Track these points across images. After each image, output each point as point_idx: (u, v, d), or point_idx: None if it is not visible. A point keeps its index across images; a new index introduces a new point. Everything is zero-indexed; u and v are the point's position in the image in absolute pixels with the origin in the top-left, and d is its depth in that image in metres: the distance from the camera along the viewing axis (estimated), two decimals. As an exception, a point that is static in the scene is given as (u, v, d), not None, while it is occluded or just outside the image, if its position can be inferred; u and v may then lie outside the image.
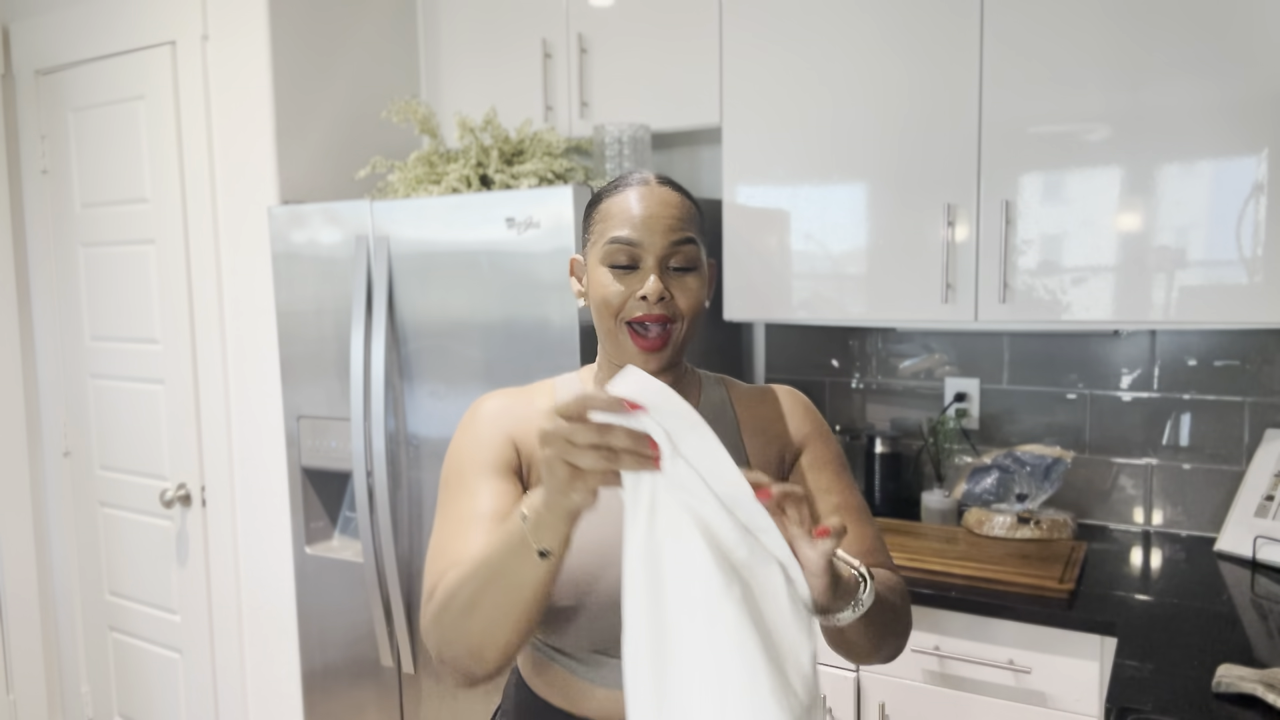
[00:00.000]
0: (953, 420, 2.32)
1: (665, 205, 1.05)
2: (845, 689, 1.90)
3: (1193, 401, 2.12)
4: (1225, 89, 1.76)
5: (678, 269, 1.05)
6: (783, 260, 2.21)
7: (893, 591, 1.03)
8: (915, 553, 1.96)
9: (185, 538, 2.66)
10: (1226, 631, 1.58)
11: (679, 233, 1.04)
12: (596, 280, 1.06)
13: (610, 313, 1.05)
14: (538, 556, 0.86)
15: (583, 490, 0.81)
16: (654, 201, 1.05)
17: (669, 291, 1.03)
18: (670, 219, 1.04)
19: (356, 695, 2.25)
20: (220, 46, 2.40)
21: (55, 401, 2.93)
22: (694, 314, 1.06)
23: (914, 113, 2.03)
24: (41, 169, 2.84)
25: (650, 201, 1.05)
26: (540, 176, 2.14)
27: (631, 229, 1.03)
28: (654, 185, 1.07)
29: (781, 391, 1.21)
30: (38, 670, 3.00)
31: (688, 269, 1.05)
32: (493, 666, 0.94)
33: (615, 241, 1.04)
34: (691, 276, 1.06)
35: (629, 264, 1.04)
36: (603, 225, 1.06)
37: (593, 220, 1.09)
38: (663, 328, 1.04)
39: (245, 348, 2.47)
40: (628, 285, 1.04)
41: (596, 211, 1.09)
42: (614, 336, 1.06)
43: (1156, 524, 2.18)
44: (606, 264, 1.05)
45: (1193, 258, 1.82)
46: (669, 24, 2.30)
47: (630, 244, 1.03)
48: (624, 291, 1.04)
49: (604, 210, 1.07)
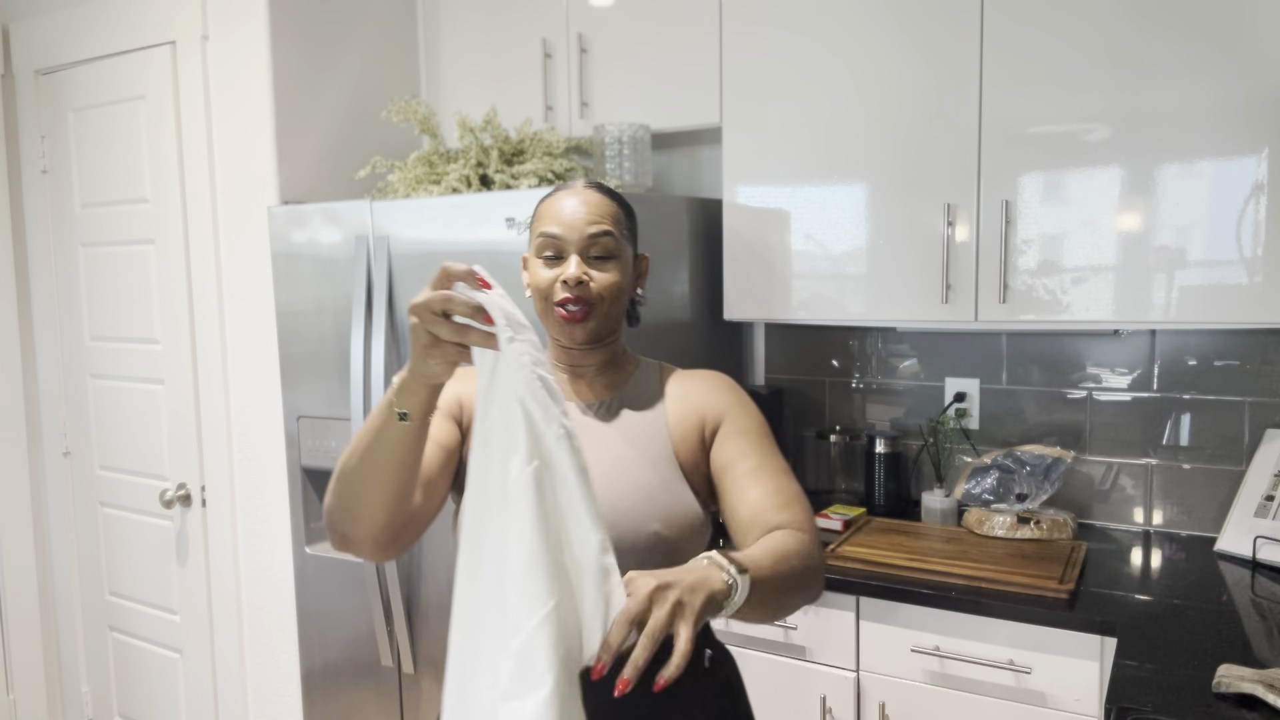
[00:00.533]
0: (953, 420, 2.32)
1: (586, 204, 1.22)
2: (845, 689, 1.90)
3: (1193, 401, 2.12)
4: (1225, 89, 1.76)
5: (597, 257, 1.21)
6: (783, 260, 2.21)
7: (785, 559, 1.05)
8: (915, 553, 1.95)
9: (185, 538, 2.66)
10: (1226, 631, 1.58)
11: (596, 226, 1.21)
12: (532, 270, 1.24)
13: (541, 296, 1.22)
14: (398, 418, 1.00)
15: (439, 358, 0.94)
16: (577, 201, 1.22)
17: (587, 276, 1.19)
18: (589, 215, 1.21)
19: (356, 695, 2.25)
20: (220, 46, 2.40)
21: (55, 401, 2.93)
22: (613, 296, 1.22)
23: (914, 112, 2.03)
24: (41, 169, 2.84)
25: (574, 202, 1.22)
26: (540, 176, 2.14)
27: (556, 225, 1.21)
28: (581, 188, 1.24)
29: (708, 373, 1.33)
30: (38, 670, 3.00)
31: (606, 258, 1.21)
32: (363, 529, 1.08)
33: (543, 236, 1.21)
34: (609, 265, 1.22)
35: (556, 255, 1.21)
36: (537, 224, 1.24)
37: (533, 223, 1.26)
38: (582, 307, 1.20)
39: (245, 348, 2.47)
40: (555, 272, 1.20)
41: (535, 215, 1.25)
42: (547, 317, 1.23)
43: (1156, 524, 2.18)
44: (539, 256, 1.22)
45: (1193, 258, 1.82)
46: (669, 24, 2.30)
47: (554, 237, 1.21)
48: (551, 277, 1.20)
49: (539, 212, 1.24)
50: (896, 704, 1.86)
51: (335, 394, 2.21)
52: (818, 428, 2.53)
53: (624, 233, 1.24)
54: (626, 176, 2.24)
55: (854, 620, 1.89)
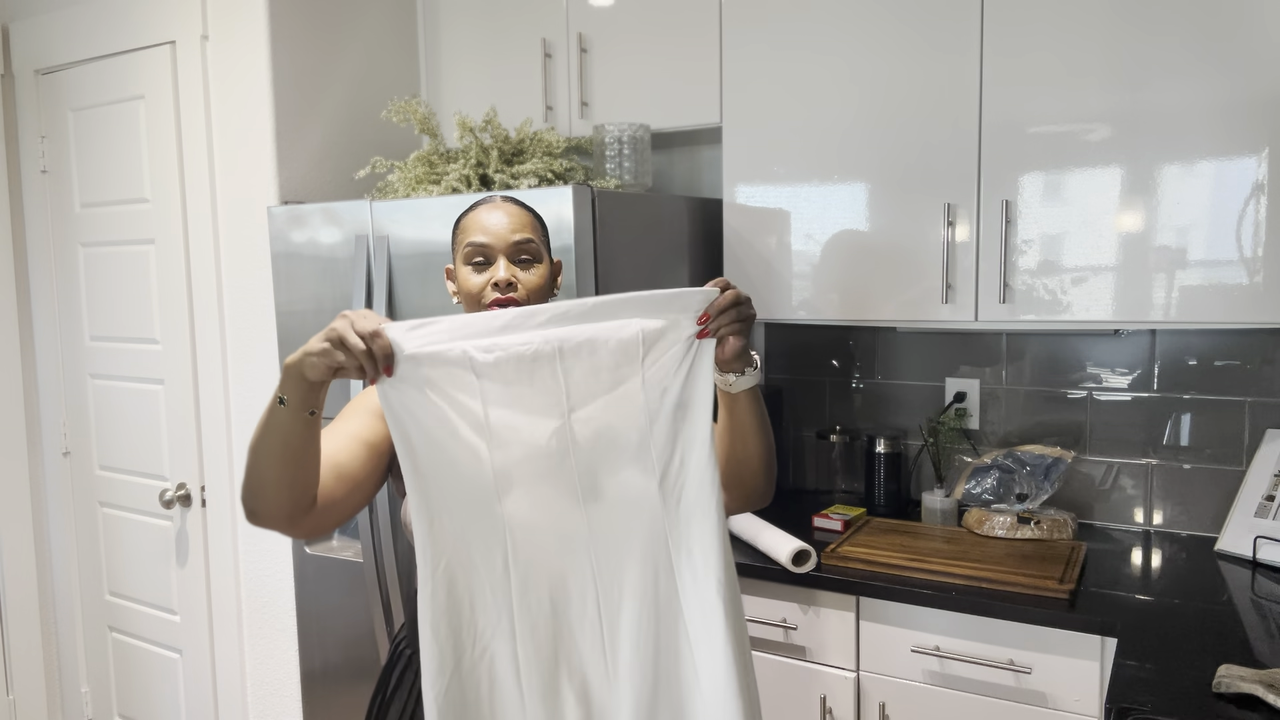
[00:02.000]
0: (953, 420, 2.32)
1: (508, 215, 1.34)
2: (845, 689, 1.90)
3: (1193, 401, 2.12)
4: (1225, 89, 1.76)
5: (521, 262, 1.34)
6: (783, 260, 2.21)
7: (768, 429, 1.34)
8: (915, 553, 1.95)
9: (185, 538, 2.66)
10: (1226, 631, 1.58)
11: (519, 234, 1.33)
12: (461, 278, 1.34)
13: (473, 300, 1.33)
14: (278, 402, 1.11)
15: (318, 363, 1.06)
16: (499, 213, 1.34)
17: (515, 278, 1.32)
18: (511, 225, 1.33)
19: (356, 695, 2.25)
20: (220, 46, 2.40)
21: (55, 401, 2.93)
22: (537, 296, 1.34)
23: (914, 112, 2.03)
24: (41, 169, 2.84)
25: (496, 213, 1.34)
26: (540, 176, 2.14)
27: (483, 234, 1.33)
28: (499, 202, 1.36)
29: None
30: (38, 670, 3.00)
31: (530, 261, 1.34)
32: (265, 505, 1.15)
33: (471, 245, 1.33)
34: (533, 269, 1.34)
35: (484, 261, 1.33)
36: (462, 236, 1.35)
37: (456, 235, 1.37)
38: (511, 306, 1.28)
39: (245, 348, 2.47)
40: (484, 277, 1.32)
41: (459, 228, 1.37)
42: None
43: (1156, 524, 2.18)
44: (466, 264, 1.33)
45: (1193, 258, 1.82)
46: (669, 24, 2.30)
47: (482, 246, 1.32)
48: (481, 282, 1.32)
49: (463, 225, 1.36)
50: (896, 704, 1.86)
51: (334, 394, 2.21)
52: (818, 428, 2.53)
53: (542, 239, 1.38)
54: (626, 176, 2.24)
55: (854, 620, 1.89)
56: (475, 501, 1.11)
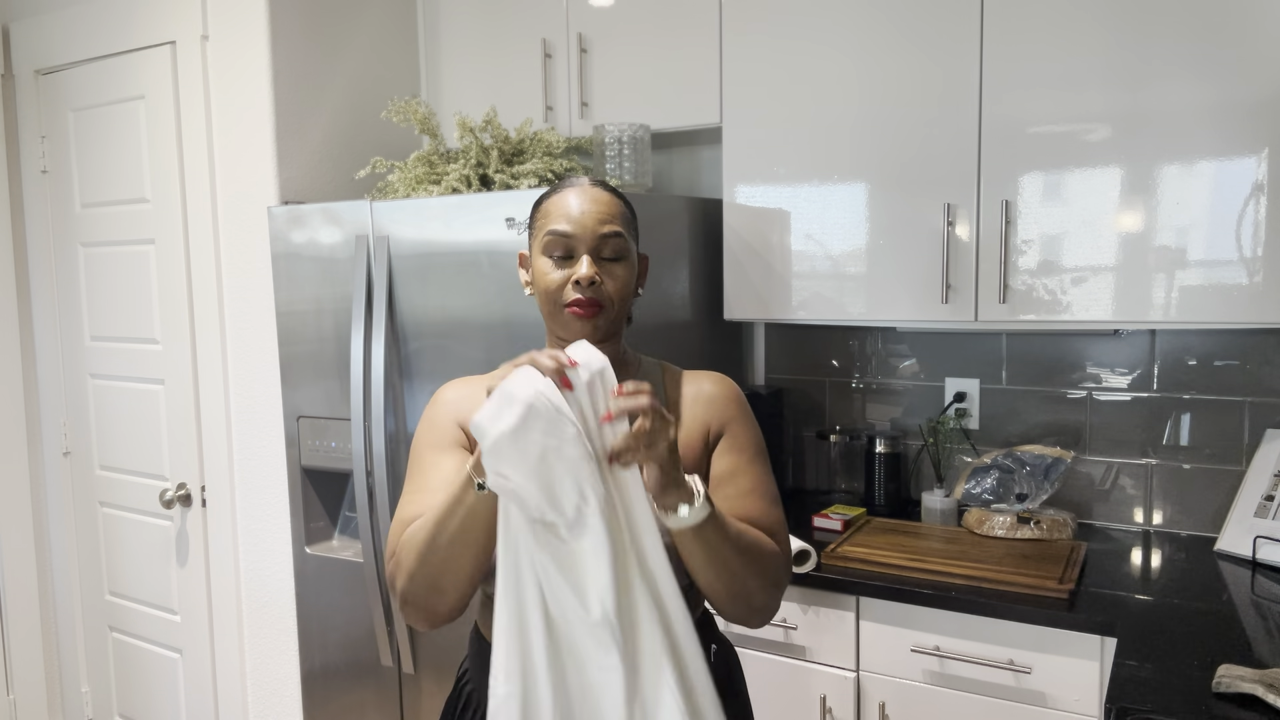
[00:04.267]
0: (953, 420, 2.32)
1: (596, 203, 1.20)
2: (845, 689, 1.90)
3: (1193, 401, 2.12)
4: (1225, 89, 1.76)
5: (607, 258, 1.20)
6: (783, 260, 2.21)
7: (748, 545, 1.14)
8: (915, 553, 1.95)
9: (185, 538, 2.66)
10: (1226, 631, 1.58)
11: (608, 226, 1.19)
12: (539, 269, 1.21)
13: (550, 297, 1.19)
14: (476, 489, 1.02)
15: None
16: (586, 200, 1.20)
17: (600, 277, 1.18)
18: (600, 214, 1.19)
19: (356, 695, 2.25)
20: (220, 46, 2.40)
21: (55, 401, 2.93)
22: (622, 297, 1.21)
23: (914, 112, 2.03)
24: (41, 169, 2.84)
25: (583, 200, 1.20)
26: (540, 176, 2.14)
27: (567, 223, 1.18)
28: (588, 186, 1.22)
29: (715, 378, 1.31)
30: (38, 670, 3.00)
31: (616, 259, 1.20)
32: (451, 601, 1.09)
33: (552, 234, 1.19)
34: (620, 265, 1.20)
35: (565, 254, 1.19)
36: (543, 221, 1.21)
37: (536, 219, 1.23)
38: (593, 307, 1.18)
39: (245, 348, 2.47)
40: (563, 273, 1.19)
41: (539, 211, 1.23)
42: (555, 316, 1.21)
43: (1156, 524, 2.18)
44: (546, 254, 1.20)
45: (1193, 258, 1.82)
46: (669, 24, 2.30)
47: (566, 236, 1.18)
48: (563, 278, 1.18)
49: (545, 209, 1.22)
50: (896, 704, 1.86)
51: (335, 394, 2.21)
52: (818, 428, 2.53)
53: (631, 233, 1.23)
54: (626, 176, 2.24)
55: (854, 620, 1.89)
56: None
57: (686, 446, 1.24)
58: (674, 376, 1.31)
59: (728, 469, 1.23)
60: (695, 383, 1.29)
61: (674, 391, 1.28)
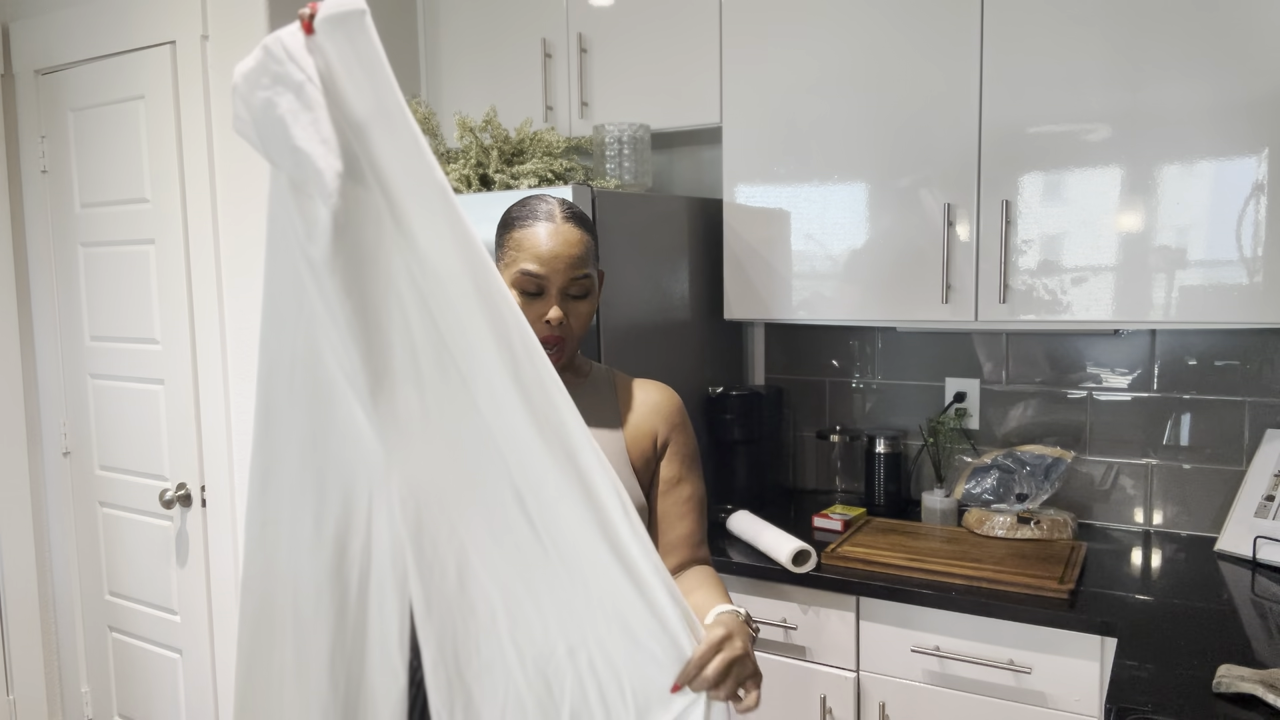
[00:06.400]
0: (953, 420, 2.32)
1: (568, 245, 1.26)
2: (845, 689, 1.90)
3: (1193, 401, 2.12)
4: (1225, 89, 1.76)
5: (574, 296, 1.28)
6: (783, 260, 2.21)
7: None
8: (915, 553, 1.95)
9: (185, 538, 2.66)
10: (1226, 631, 1.58)
11: (579, 269, 1.27)
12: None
13: None
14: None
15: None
16: (559, 241, 1.26)
17: (566, 318, 1.27)
18: (571, 258, 1.26)
19: (356, 695, 2.24)
20: (220, 46, 2.40)
21: (55, 401, 2.93)
22: (583, 331, 1.32)
23: (914, 112, 2.03)
24: (41, 169, 2.84)
25: (555, 241, 1.25)
26: (540, 177, 2.14)
27: (539, 264, 1.25)
28: (559, 222, 1.27)
29: (661, 388, 1.42)
30: (38, 670, 3.00)
31: (582, 296, 1.29)
32: None
33: (525, 274, 1.25)
34: (584, 302, 1.30)
35: (535, 291, 1.26)
36: (515, 254, 1.27)
37: (506, 244, 1.29)
38: (559, 343, 1.28)
39: (245, 348, 2.47)
40: (533, 309, 1.26)
41: (509, 238, 1.29)
42: None
43: (1156, 524, 2.18)
44: (516, 289, 1.26)
45: (1193, 258, 1.82)
46: (669, 24, 2.30)
47: (538, 277, 1.25)
48: (533, 316, 1.26)
49: (516, 240, 1.28)
50: (896, 704, 1.86)
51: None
52: (818, 428, 2.53)
53: (594, 264, 1.31)
54: (626, 176, 2.24)
55: (854, 620, 1.89)
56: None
57: (639, 451, 1.36)
58: (624, 383, 1.41)
59: (673, 476, 1.38)
60: (644, 390, 1.40)
61: (625, 398, 1.39)
